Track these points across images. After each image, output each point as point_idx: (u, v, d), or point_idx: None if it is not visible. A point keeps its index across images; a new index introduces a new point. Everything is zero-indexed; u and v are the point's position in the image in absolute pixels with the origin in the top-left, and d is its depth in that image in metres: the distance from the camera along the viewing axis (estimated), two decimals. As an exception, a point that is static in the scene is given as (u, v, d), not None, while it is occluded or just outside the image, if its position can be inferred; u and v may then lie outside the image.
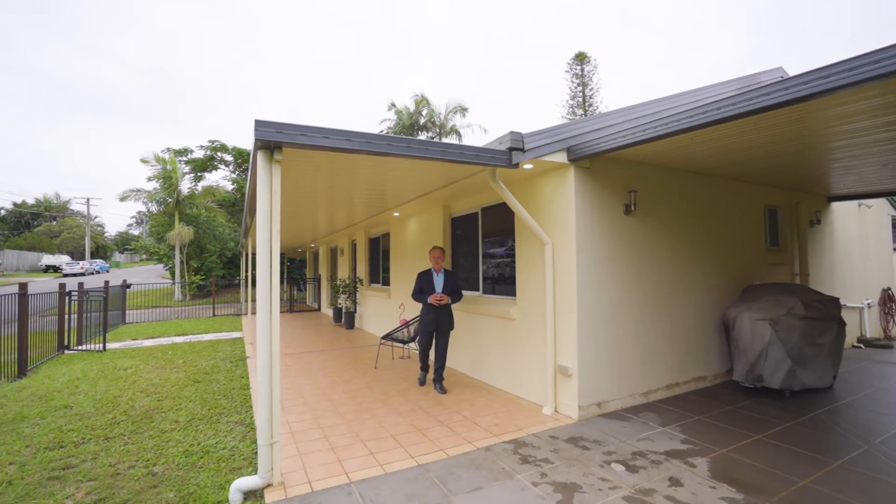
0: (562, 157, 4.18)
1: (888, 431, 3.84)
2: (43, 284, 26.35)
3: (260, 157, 3.02)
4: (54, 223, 49.71)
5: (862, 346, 7.49)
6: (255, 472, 3.16)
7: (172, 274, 20.13)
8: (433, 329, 5.22)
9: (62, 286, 8.46)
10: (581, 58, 39.60)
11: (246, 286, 16.74)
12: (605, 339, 4.40)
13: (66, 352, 8.27)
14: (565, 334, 4.30)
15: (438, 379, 5.26)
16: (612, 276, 4.48)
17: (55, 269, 37.59)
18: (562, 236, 4.34)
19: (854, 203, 7.87)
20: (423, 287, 5.27)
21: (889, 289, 8.34)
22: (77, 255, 46.54)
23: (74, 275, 35.17)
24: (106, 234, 57.34)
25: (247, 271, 18.36)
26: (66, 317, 8.50)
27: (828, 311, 4.99)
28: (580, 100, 39.92)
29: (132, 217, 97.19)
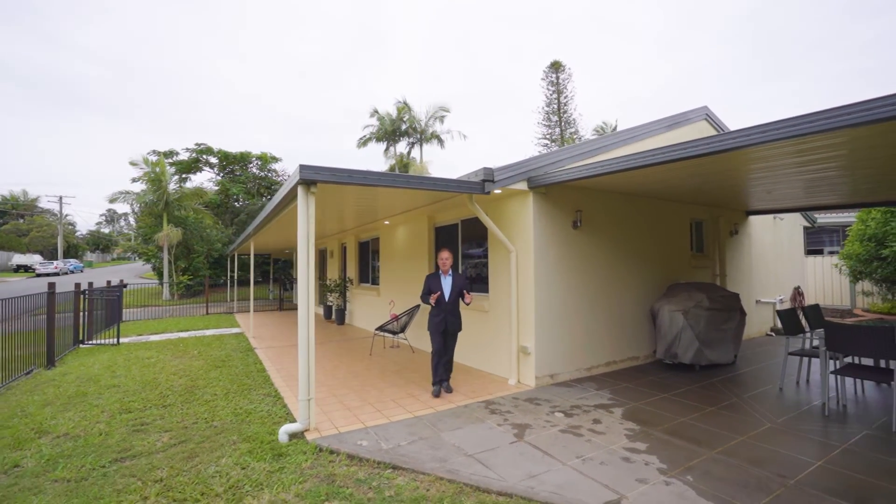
0: (523, 186, 5.42)
1: (756, 389, 5.25)
2: (18, 284, 26.10)
3: (300, 190, 4.12)
4: (21, 221, 48.33)
5: (773, 334, 9.06)
6: (292, 423, 4.25)
7: (160, 274, 20.57)
8: (443, 330, 5.18)
9: (77, 285, 9.21)
10: (556, 66, 41.30)
11: (233, 286, 17.46)
12: (557, 326, 5.67)
13: (81, 345, 9.03)
14: (526, 322, 5.55)
15: (446, 378, 5.29)
16: (562, 277, 5.75)
17: (26, 268, 36.86)
18: (523, 245, 5.59)
19: (770, 216, 9.45)
20: (431, 289, 5.23)
21: (799, 287, 9.99)
22: (47, 254, 45.43)
23: (48, 274, 34.61)
24: (78, 233, 55.88)
25: (245, 271, 19.05)
26: (80, 314, 9.27)
27: (730, 304, 6.41)
28: (555, 107, 41.61)
29: (101, 215, 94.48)
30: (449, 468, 3.32)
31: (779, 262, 9.71)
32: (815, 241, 19.11)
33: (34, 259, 37.56)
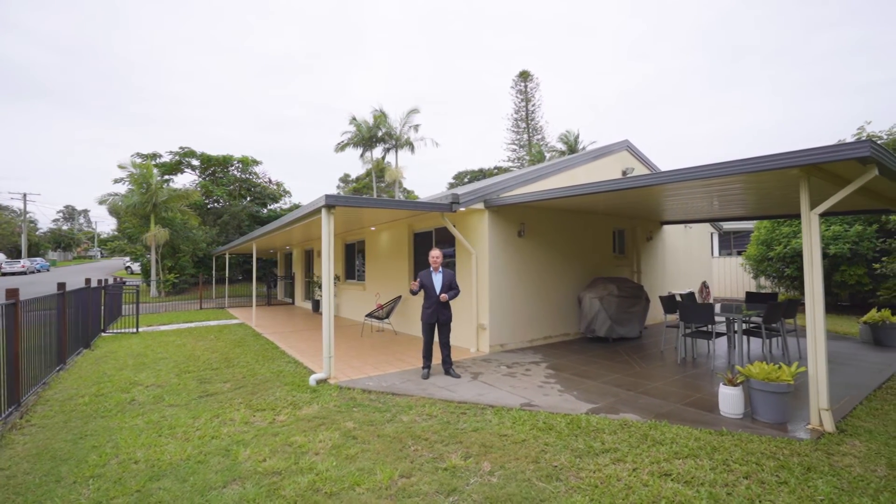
0: (481, 206, 7.37)
1: (645, 352, 7.41)
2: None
3: (324, 211, 5.91)
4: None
5: (682, 318, 11.41)
6: (317, 374, 6.02)
7: (146, 272, 21.44)
8: (434, 322, 5.84)
9: (100, 281, 10.52)
10: (524, 75, 43.92)
11: (222, 283, 18.69)
12: (506, 309, 7.65)
13: (103, 334, 10.35)
14: (483, 306, 7.50)
15: (449, 365, 5.97)
16: (511, 273, 7.74)
17: (-11, 267, 36.02)
18: (481, 249, 7.53)
19: (682, 226, 11.82)
20: (424, 284, 5.85)
21: (705, 281, 12.45)
22: (6, 252, 44.22)
23: (14, 273, 34.15)
24: (38, 231, 54.20)
25: (230, 270, 20.17)
26: (102, 307, 10.57)
27: (636, 293, 8.58)
28: (523, 114, 44.27)
29: (59, 212, 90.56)
30: (428, 393, 5.22)
31: (689, 263, 12.13)
32: (742, 245, 22.18)
33: (-2, 258, 36.74)
